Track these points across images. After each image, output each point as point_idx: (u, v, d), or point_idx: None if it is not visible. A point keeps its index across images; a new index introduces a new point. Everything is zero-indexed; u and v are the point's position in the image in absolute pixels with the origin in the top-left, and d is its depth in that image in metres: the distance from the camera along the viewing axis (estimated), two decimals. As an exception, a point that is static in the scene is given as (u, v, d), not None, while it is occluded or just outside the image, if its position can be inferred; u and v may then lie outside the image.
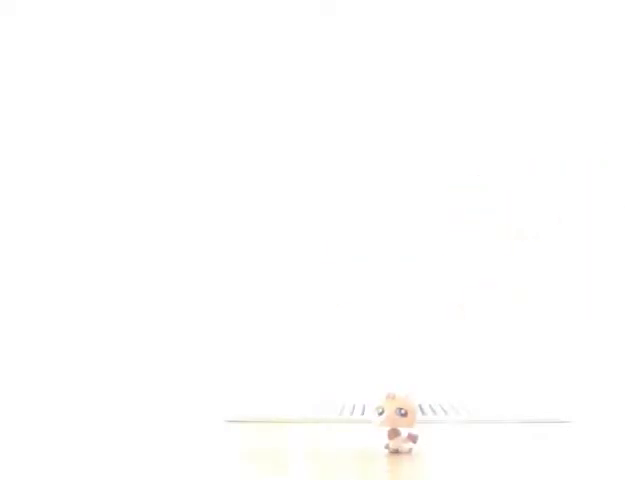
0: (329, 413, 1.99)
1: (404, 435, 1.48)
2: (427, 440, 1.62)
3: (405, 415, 1.44)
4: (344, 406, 2.11)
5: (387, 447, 1.48)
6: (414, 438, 1.48)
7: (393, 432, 1.47)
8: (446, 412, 2.00)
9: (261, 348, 2.22)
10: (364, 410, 2.03)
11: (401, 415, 1.44)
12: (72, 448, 1.56)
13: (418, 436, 1.49)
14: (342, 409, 2.06)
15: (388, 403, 1.45)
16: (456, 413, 1.98)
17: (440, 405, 2.11)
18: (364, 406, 2.10)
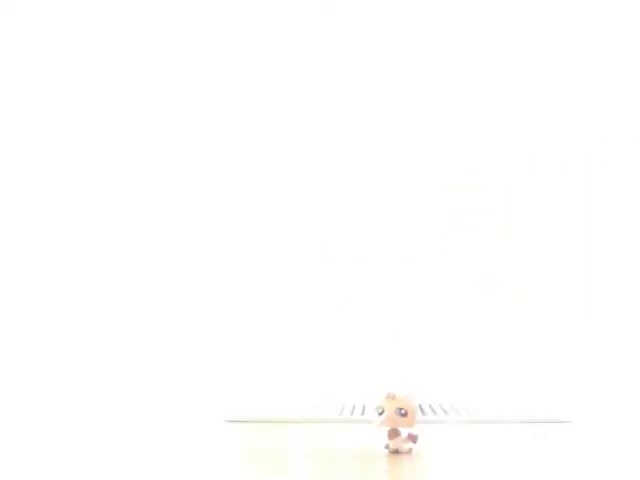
0: (329, 413, 1.99)
1: (404, 435, 1.48)
2: (427, 440, 1.62)
3: (405, 415, 1.44)
4: (344, 406, 2.11)
5: (387, 447, 1.48)
6: (414, 438, 1.48)
7: (393, 432, 1.48)
8: (446, 412, 2.00)
9: (261, 348, 2.22)
10: (364, 410, 2.03)
11: (401, 415, 1.44)
12: (72, 448, 1.56)
13: (418, 436, 1.49)
14: (342, 409, 2.06)
15: (388, 403, 1.45)
16: (456, 413, 1.98)
17: (440, 405, 2.11)
18: (364, 406, 2.10)
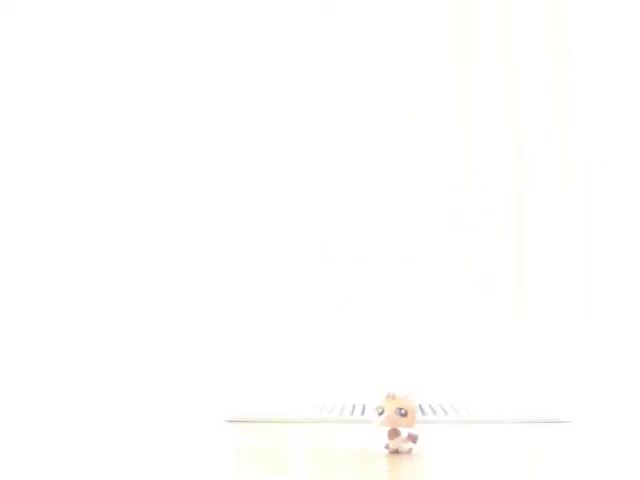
0: (329, 413, 1.99)
1: (404, 435, 1.48)
2: (427, 440, 1.62)
3: (405, 415, 1.44)
4: (344, 406, 2.11)
5: (387, 447, 1.48)
6: (414, 438, 1.47)
7: (393, 432, 1.47)
8: (446, 412, 2.00)
9: (261, 348, 2.22)
10: (364, 410, 2.03)
11: (401, 415, 1.44)
12: (72, 448, 1.56)
13: (418, 436, 1.49)
14: (342, 409, 2.06)
15: (388, 403, 1.45)
16: (456, 413, 1.98)
17: (440, 405, 2.11)
18: (364, 406, 2.10)
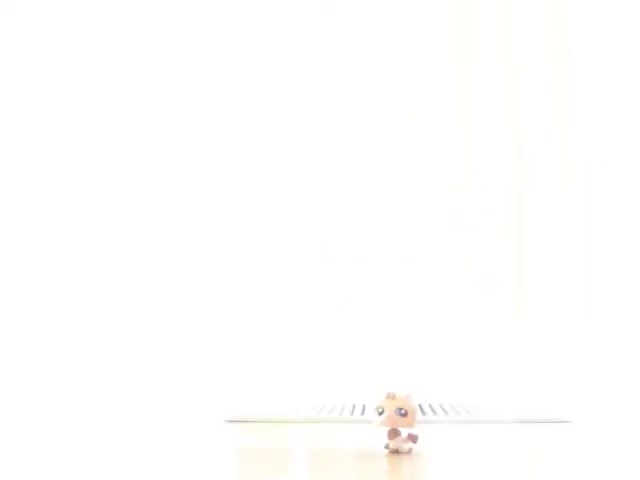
0: (329, 413, 1.99)
1: (404, 435, 1.48)
2: (427, 440, 1.62)
3: (405, 415, 1.44)
4: (344, 406, 2.11)
5: (387, 447, 1.48)
6: (414, 438, 1.47)
7: (393, 432, 1.47)
8: (446, 412, 2.00)
9: (261, 348, 2.22)
10: (364, 410, 2.03)
11: (401, 415, 1.44)
12: (72, 448, 1.56)
13: (418, 436, 1.49)
14: (342, 409, 2.06)
15: (388, 403, 1.45)
16: (456, 413, 1.98)
17: (440, 405, 2.11)
18: (364, 406, 2.10)
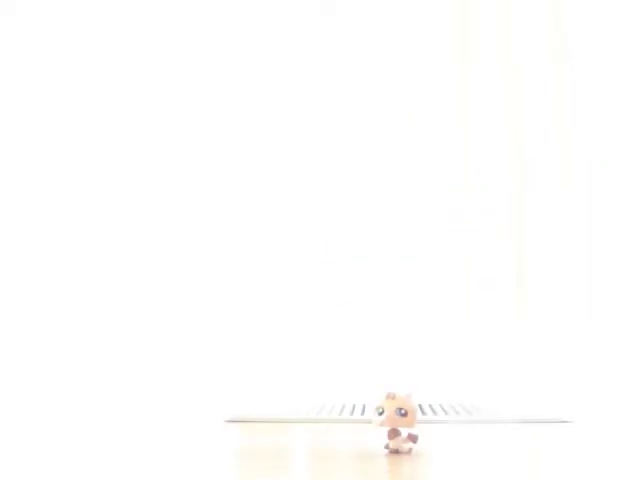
0: (329, 413, 1.99)
1: (404, 435, 1.48)
2: (427, 440, 1.62)
3: (405, 415, 1.44)
4: (344, 406, 2.11)
5: (387, 447, 1.48)
6: (414, 438, 1.47)
7: (393, 432, 1.47)
8: (446, 412, 2.00)
9: (261, 348, 2.22)
10: (364, 410, 2.03)
11: (401, 415, 1.44)
12: (72, 448, 1.56)
13: (418, 436, 1.49)
14: (342, 409, 2.06)
15: (388, 403, 1.45)
16: (456, 413, 1.98)
17: (440, 405, 2.11)
18: (364, 406, 2.10)
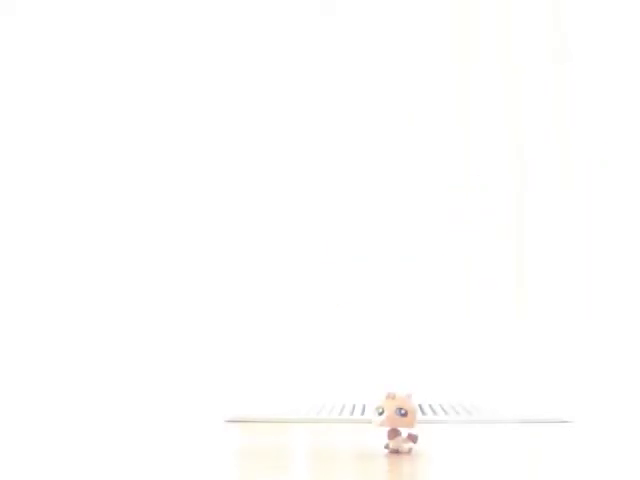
0: (329, 413, 1.99)
1: (404, 435, 1.48)
2: (427, 440, 1.62)
3: (405, 415, 1.44)
4: (344, 406, 2.11)
5: (387, 447, 1.48)
6: (414, 438, 1.47)
7: (393, 432, 1.47)
8: (446, 412, 2.00)
9: (261, 348, 2.22)
10: (364, 410, 2.03)
11: (401, 415, 1.44)
12: (72, 448, 1.56)
13: (418, 436, 1.49)
14: (342, 409, 2.06)
15: (388, 403, 1.45)
16: (456, 413, 1.98)
17: (440, 405, 2.11)
18: (364, 406, 2.10)
